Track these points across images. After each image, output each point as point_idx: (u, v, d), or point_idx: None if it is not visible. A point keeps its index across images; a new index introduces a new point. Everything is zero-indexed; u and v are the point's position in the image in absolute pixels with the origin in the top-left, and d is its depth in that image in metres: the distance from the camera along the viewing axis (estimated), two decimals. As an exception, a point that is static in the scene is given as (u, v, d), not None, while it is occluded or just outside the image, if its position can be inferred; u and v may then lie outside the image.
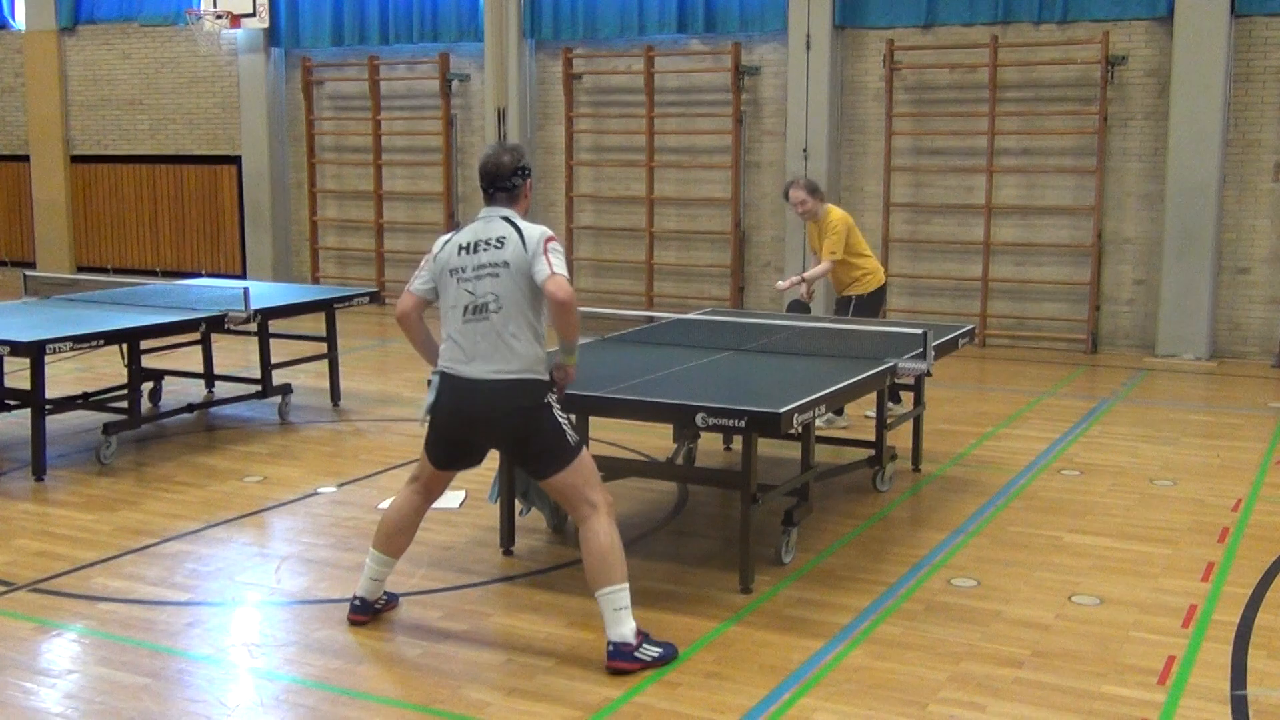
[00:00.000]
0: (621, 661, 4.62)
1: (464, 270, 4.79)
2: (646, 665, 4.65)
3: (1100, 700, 4.40)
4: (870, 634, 4.99)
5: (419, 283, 5.02)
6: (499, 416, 4.76)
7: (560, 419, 4.81)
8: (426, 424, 4.96)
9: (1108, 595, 5.41)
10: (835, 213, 8.50)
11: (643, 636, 4.71)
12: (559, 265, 4.75)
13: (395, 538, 5.08)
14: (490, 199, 4.91)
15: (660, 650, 4.71)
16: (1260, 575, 5.65)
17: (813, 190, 8.45)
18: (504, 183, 4.88)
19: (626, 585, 4.70)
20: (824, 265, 8.42)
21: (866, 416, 8.30)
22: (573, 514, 4.88)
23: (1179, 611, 5.22)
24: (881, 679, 4.57)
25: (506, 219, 4.84)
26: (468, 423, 4.84)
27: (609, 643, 4.65)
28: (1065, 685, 4.52)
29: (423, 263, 5.02)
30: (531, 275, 4.74)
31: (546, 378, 4.86)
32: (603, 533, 4.72)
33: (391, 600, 5.29)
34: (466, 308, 4.78)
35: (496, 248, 4.77)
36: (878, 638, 4.95)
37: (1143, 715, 4.30)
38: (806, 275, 8.59)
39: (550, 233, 4.85)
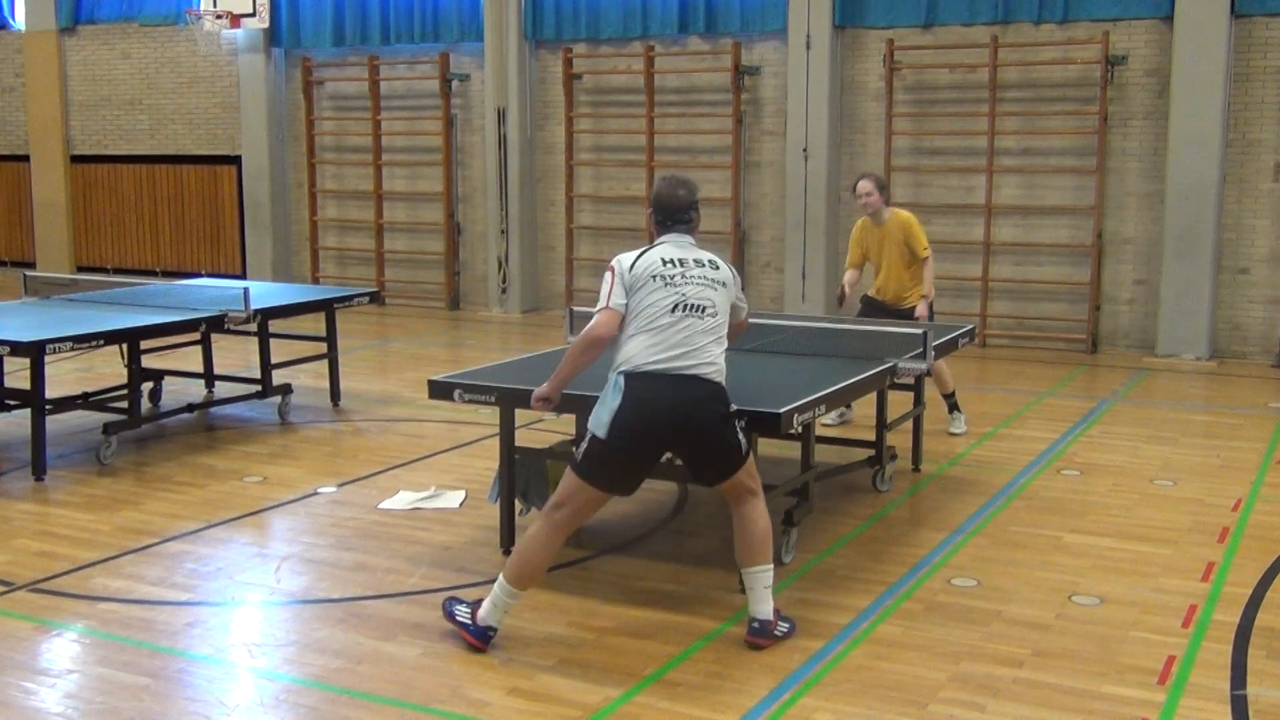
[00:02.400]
0: (762, 638, 4.81)
1: (672, 277, 4.81)
2: (782, 638, 4.86)
3: (1100, 700, 4.40)
4: (870, 634, 4.99)
5: (616, 298, 4.80)
6: (701, 416, 4.70)
7: (739, 428, 4.85)
8: (595, 442, 4.69)
9: (1108, 595, 5.41)
10: (906, 213, 8.36)
11: (778, 614, 4.90)
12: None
13: (534, 576, 4.81)
14: (669, 229, 5.08)
15: (789, 626, 4.93)
16: (1260, 575, 5.65)
17: (881, 186, 8.25)
18: (684, 215, 5.11)
19: (773, 566, 4.92)
20: (932, 263, 8.24)
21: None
22: (733, 501, 4.93)
23: (1179, 611, 5.22)
24: (881, 679, 4.57)
25: (692, 245, 5.06)
26: (661, 424, 4.67)
27: (753, 619, 4.85)
28: (1065, 685, 4.52)
29: (609, 283, 4.83)
30: (734, 304, 5.04)
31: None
32: (762, 516, 4.90)
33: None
34: (677, 305, 4.75)
35: (713, 269, 4.95)
36: (878, 638, 4.95)
37: (1143, 715, 4.30)
38: (929, 293, 8.23)
39: None
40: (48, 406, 7.42)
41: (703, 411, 4.70)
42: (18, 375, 7.87)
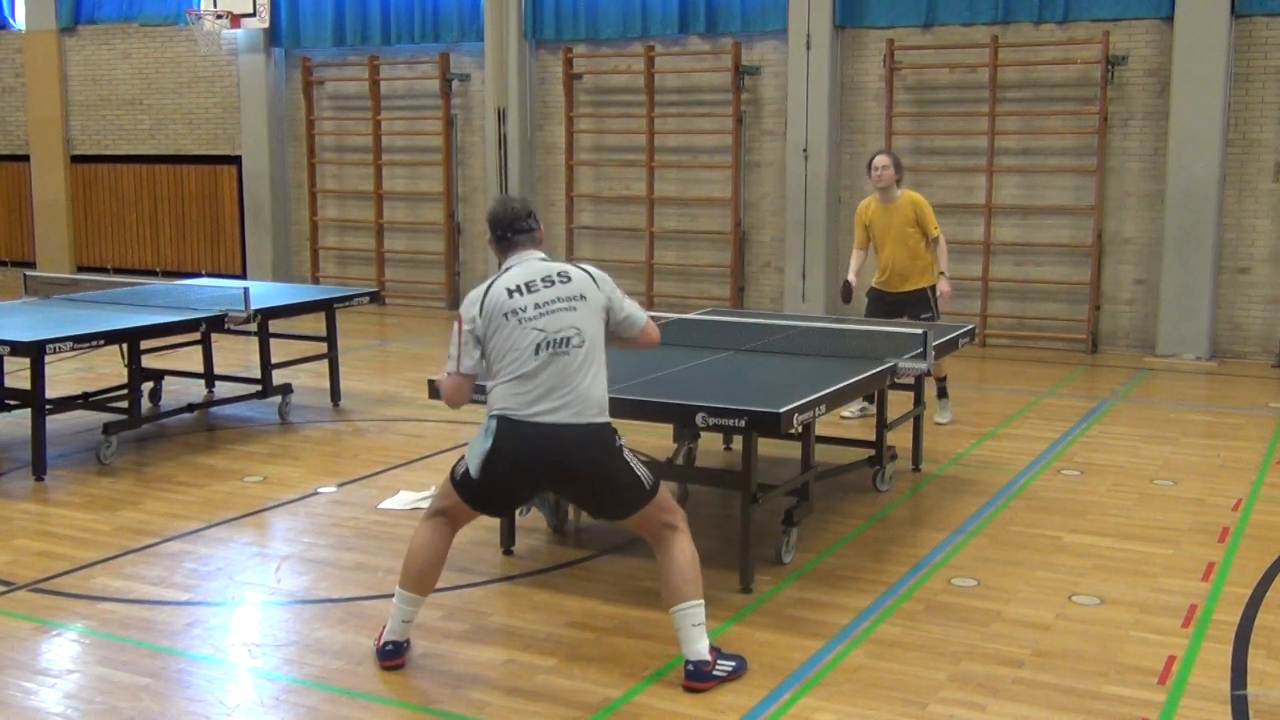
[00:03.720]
0: (699, 681, 4.46)
1: (524, 309, 4.44)
2: (723, 680, 4.51)
3: (1100, 700, 4.40)
4: (870, 634, 4.99)
5: (465, 361, 4.52)
6: (576, 464, 4.48)
7: (632, 462, 4.57)
8: (467, 474, 4.55)
9: (1108, 595, 5.41)
10: (917, 193, 8.48)
11: (715, 653, 4.55)
12: (637, 308, 4.77)
13: (427, 576, 4.74)
14: (512, 244, 4.64)
15: (733, 665, 4.57)
16: (1260, 575, 5.65)
17: (898, 164, 8.33)
18: (521, 224, 4.64)
19: (702, 602, 4.54)
20: (944, 242, 8.32)
21: (844, 418, 8.37)
22: (651, 539, 4.66)
23: (1179, 611, 5.22)
24: (881, 679, 4.57)
25: (544, 257, 4.65)
26: (533, 471, 4.50)
27: (687, 661, 4.49)
28: (1065, 685, 4.52)
29: (455, 340, 4.54)
30: (609, 313, 4.65)
31: (611, 422, 4.60)
32: (684, 551, 4.56)
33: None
34: (540, 345, 4.42)
35: (563, 283, 4.53)
36: (878, 638, 4.95)
37: (1143, 715, 4.30)
38: (944, 267, 8.31)
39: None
40: (48, 406, 7.43)
41: (579, 458, 4.47)
42: (18, 375, 7.87)
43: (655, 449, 7.69)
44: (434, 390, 5.20)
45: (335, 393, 9.27)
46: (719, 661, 4.53)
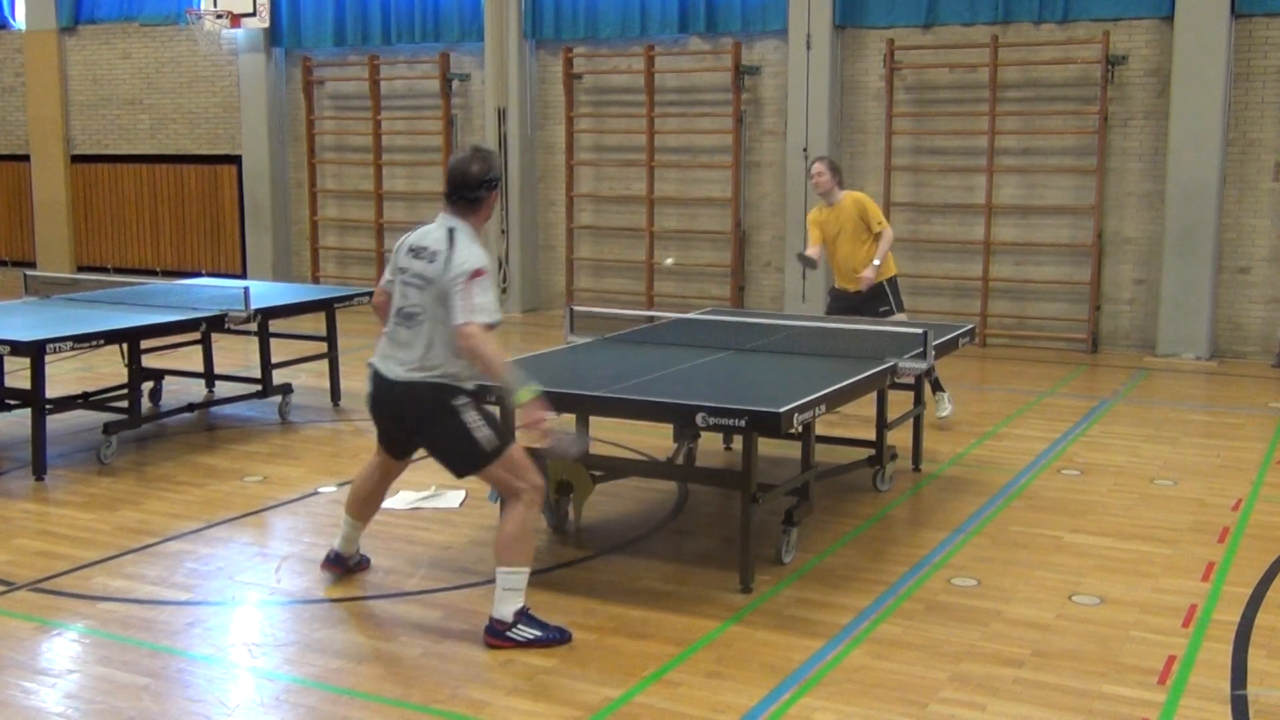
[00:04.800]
0: (493, 638, 4.83)
1: (405, 273, 4.93)
2: (521, 645, 4.79)
3: (1100, 700, 4.40)
4: (870, 634, 4.99)
5: (385, 276, 5.16)
6: (408, 418, 4.94)
7: (471, 423, 4.82)
8: None
9: (1108, 595, 5.41)
10: (859, 192, 8.68)
11: (522, 617, 4.83)
12: (477, 306, 4.66)
13: (365, 505, 5.44)
14: (448, 203, 4.88)
15: (539, 632, 4.83)
16: (1260, 575, 5.65)
17: (834, 169, 8.50)
18: (468, 193, 4.83)
19: (523, 570, 4.85)
20: (889, 235, 8.41)
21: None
22: (503, 498, 5.00)
23: (1179, 611, 5.22)
24: (881, 679, 4.57)
25: (451, 231, 4.83)
26: (385, 417, 5.08)
27: (489, 619, 4.86)
28: (1065, 685, 4.52)
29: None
30: (446, 299, 4.75)
31: (461, 385, 4.86)
32: (514, 520, 4.85)
33: (364, 562, 5.69)
34: (399, 310, 4.92)
35: (429, 261, 4.83)
36: (878, 637, 4.95)
37: (1143, 715, 4.30)
38: (878, 260, 8.35)
39: (479, 266, 4.72)
40: (48, 406, 7.43)
41: (410, 413, 4.89)
42: (18, 375, 7.87)
43: (655, 449, 7.69)
44: None
45: (335, 392, 9.27)
46: (523, 627, 4.82)
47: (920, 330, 6.55)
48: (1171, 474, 7.39)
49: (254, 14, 14.73)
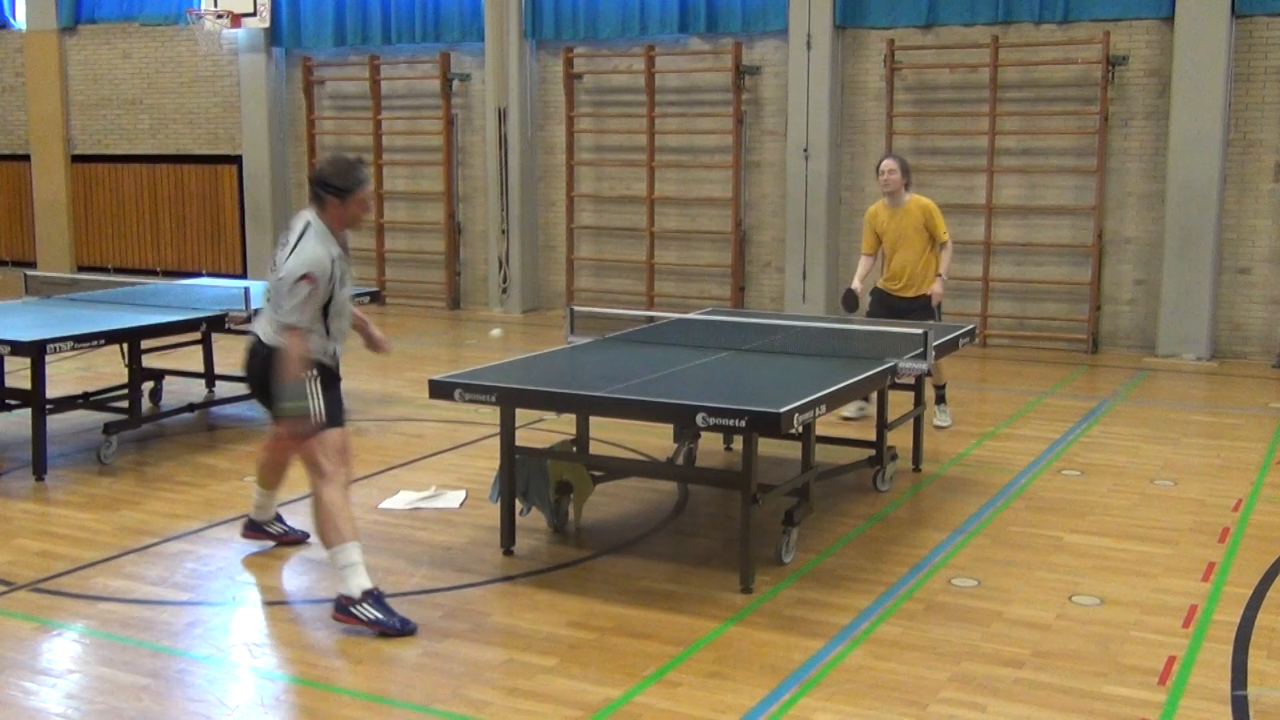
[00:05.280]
0: (339, 614, 5.02)
1: (276, 255, 5.31)
2: (365, 624, 4.94)
3: (1100, 700, 4.40)
4: (870, 634, 4.99)
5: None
6: (250, 372, 5.34)
7: (308, 394, 5.15)
8: None
9: (1108, 595, 5.41)
10: (926, 198, 8.50)
11: (370, 597, 4.97)
12: (293, 307, 5.05)
13: (266, 474, 5.85)
14: (310, 197, 5.30)
15: (381, 616, 4.95)
16: (1261, 575, 5.65)
17: (905, 168, 8.33)
18: (314, 188, 5.24)
19: (350, 544, 5.04)
20: (950, 247, 8.35)
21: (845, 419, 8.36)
22: (308, 476, 5.30)
23: (1179, 611, 5.22)
24: (882, 679, 4.57)
25: (307, 225, 5.20)
26: (255, 380, 5.36)
27: (338, 595, 5.06)
28: (1065, 685, 4.52)
29: None
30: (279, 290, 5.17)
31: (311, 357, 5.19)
32: (323, 500, 5.14)
33: (293, 533, 6.01)
34: (267, 286, 5.34)
35: (282, 246, 5.25)
36: (878, 638, 4.95)
37: (1143, 715, 4.30)
38: (943, 271, 8.35)
39: (306, 271, 5.06)
40: (48, 406, 7.42)
41: (250, 366, 5.32)
42: (18, 375, 7.87)
43: (655, 449, 7.70)
44: None
45: (335, 392, 9.26)
46: (367, 606, 4.95)
47: (920, 330, 6.55)
48: (1172, 474, 7.39)
49: (254, 14, 14.73)
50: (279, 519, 6.03)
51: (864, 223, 8.58)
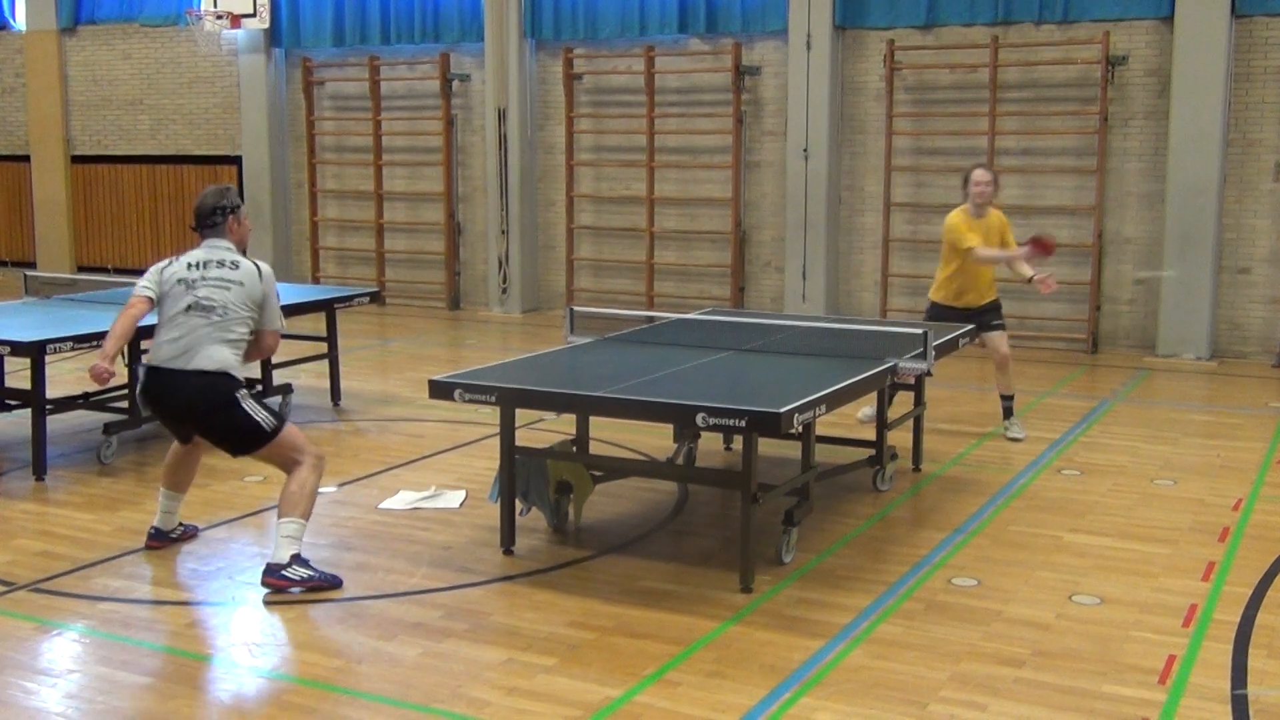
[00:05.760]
0: (271, 578, 5.32)
1: (192, 281, 5.51)
2: (296, 583, 5.31)
3: (1100, 700, 4.40)
4: (870, 634, 4.99)
5: (145, 287, 5.62)
6: (195, 406, 5.47)
7: (250, 411, 5.44)
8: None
9: (1108, 595, 5.41)
10: (998, 210, 8.41)
11: (297, 559, 5.35)
12: (280, 316, 5.71)
13: (175, 475, 5.92)
14: (204, 235, 5.67)
15: (310, 572, 5.36)
16: (1261, 575, 5.65)
17: (997, 182, 8.32)
18: (209, 219, 5.64)
19: (302, 523, 5.41)
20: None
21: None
22: (283, 471, 5.57)
23: (1179, 611, 5.22)
24: (882, 679, 4.57)
25: (229, 249, 5.65)
26: (171, 409, 5.58)
27: (266, 564, 5.39)
28: (1065, 685, 4.52)
29: (149, 274, 5.67)
30: (259, 305, 5.58)
31: (239, 378, 5.48)
32: (298, 479, 5.46)
33: (190, 530, 6.14)
34: (190, 305, 5.47)
35: (231, 269, 5.56)
36: (878, 637, 4.95)
37: (1143, 715, 4.30)
38: (1009, 258, 8.28)
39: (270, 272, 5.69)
40: (48, 406, 7.42)
41: (197, 402, 5.45)
42: (18, 375, 7.87)
43: (655, 449, 7.70)
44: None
45: (335, 393, 9.27)
46: (296, 567, 5.33)
47: (920, 330, 6.55)
48: (1172, 474, 7.39)
49: (254, 14, 14.73)
50: (181, 525, 6.12)
51: (954, 231, 8.15)
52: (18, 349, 7.04)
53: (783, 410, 5.09)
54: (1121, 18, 11.36)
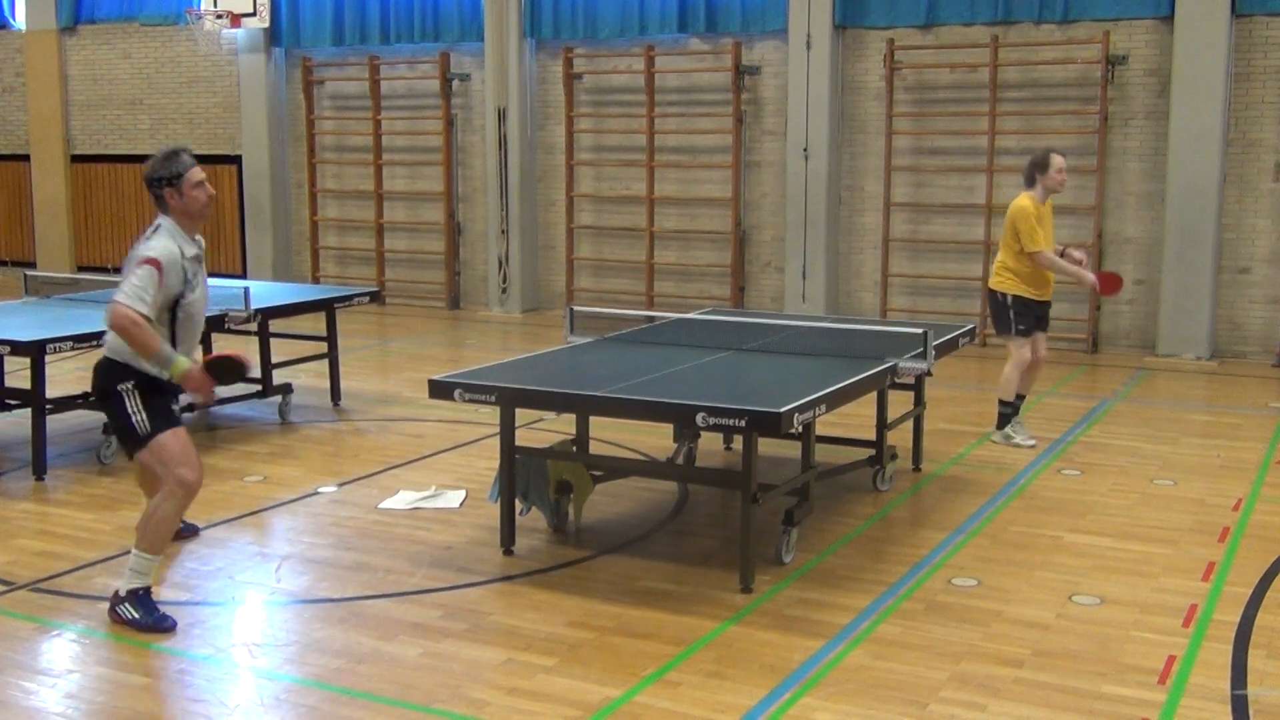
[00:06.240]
0: (110, 610, 5.10)
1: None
2: (124, 623, 5.00)
3: (1100, 700, 4.40)
4: (870, 634, 4.99)
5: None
6: (94, 395, 5.33)
7: (129, 408, 5.08)
8: None
9: (1108, 595, 5.41)
10: None
11: (135, 598, 5.02)
12: (132, 288, 4.95)
13: (146, 485, 5.65)
14: (153, 202, 5.29)
15: (139, 615, 5.01)
16: (1260, 575, 5.65)
17: None
18: (150, 191, 5.23)
19: (148, 558, 5.04)
20: None
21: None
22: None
23: (1179, 611, 5.22)
24: (882, 679, 4.57)
25: (158, 224, 5.20)
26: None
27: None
28: (1065, 685, 4.52)
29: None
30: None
31: (127, 366, 5.12)
32: (158, 509, 5.05)
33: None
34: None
35: (134, 248, 5.19)
36: (878, 637, 4.95)
37: (1143, 715, 4.30)
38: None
39: (152, 255, 5.03)
40: (48, 406, 7.42)
41: (94, 389, 5.29)
42: (18, 375, 7.87)
43: (655, 449, 7.70)
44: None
45: (335, 392, 9.27)
46: (128, 606, 5.02)
47: (920, 330, 6.55)
48: (1171, 474, 7.39)
49: (254, 14, 14.73)
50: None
51: (1025, 221, 7.87)
52: (18, 349, 7.04)
53: (783, 410, 5.09)
54: (1121, 17, 11.36)
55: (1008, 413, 8.14)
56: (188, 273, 5.14)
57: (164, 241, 5.09)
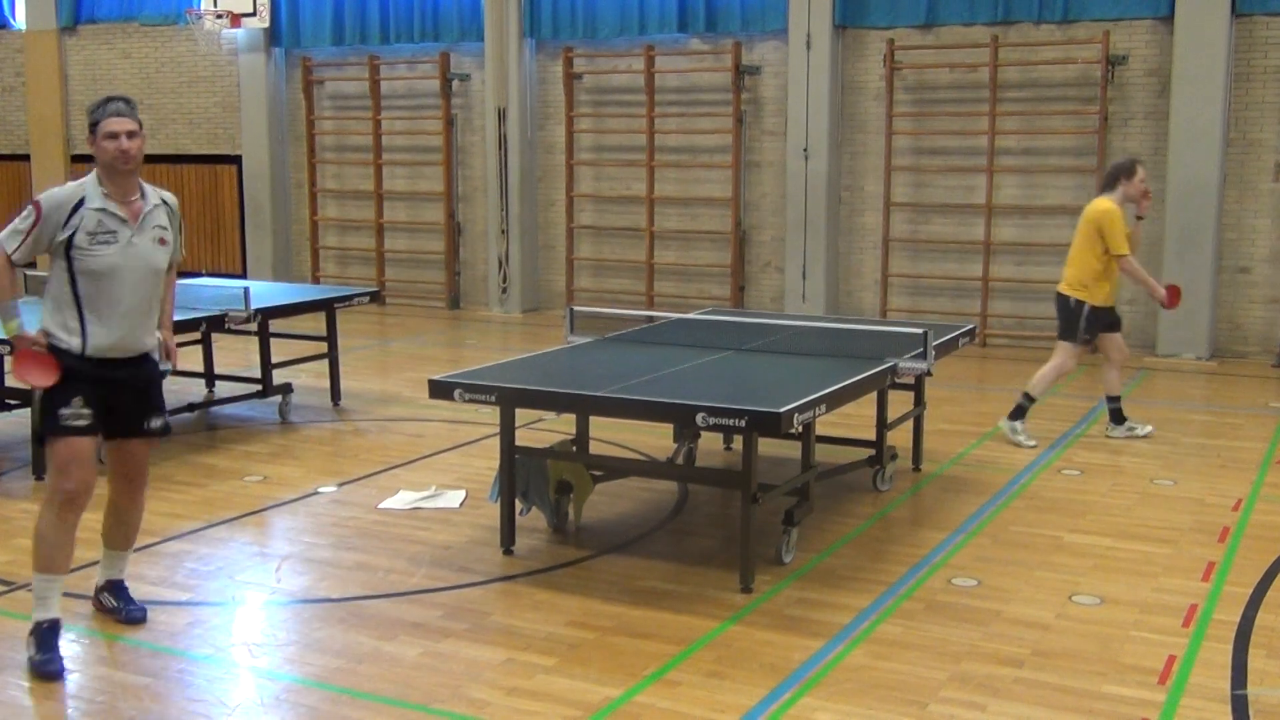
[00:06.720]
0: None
1: None
2: (32, 659, 4.64)
3: (1100, 700, 4.40)
4: (870, 634, 4.99)
5: None
6: None
7: (43, 405, 4.79)
8: None
9: (1108, 595, 5.41)
10: None
11: (38, 631, 4.67)
12: (9, 228, 4.72)
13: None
14: None
15: (33, 655, 4.63)
16: (1261, 575, 5.65)
17: None
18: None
19: (47, 578, 4.76)
20: None
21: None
22: None
23: (1179, 611, 5.22)
24: (882, 679, 4.57)
25: (83, 179, 4.86)
26: None
27: None
28: (1065, 685, 4.52)
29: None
30: None
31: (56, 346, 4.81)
32: (38, 523, 4.83)
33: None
34: None
35: None
36: (878, 637, 4.96)
37: (1143, 715, 4.30)
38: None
39: (37, 198, 4.76)
40: (48, 406, 7.41)
41: None
42: (18, 375, 7.85)
43: (655, 449, 7.70)
44: None
45: (335, 392, 9.27)
46: (31, 639, 4.66)
47: (920, 330, 6.55)
48: (1171, 474, 7.39)
49: (254, 14, 14.73)
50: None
51: (1114, 225, 7.96)
52: (18, 349, 7.02)
53: (783, 410, 5.09)
54: (1121, 17, 11.36)
55: (1025, 405, 8.16)
56: (85, 222, 4.67)
57: (68, 188, 4.75)
